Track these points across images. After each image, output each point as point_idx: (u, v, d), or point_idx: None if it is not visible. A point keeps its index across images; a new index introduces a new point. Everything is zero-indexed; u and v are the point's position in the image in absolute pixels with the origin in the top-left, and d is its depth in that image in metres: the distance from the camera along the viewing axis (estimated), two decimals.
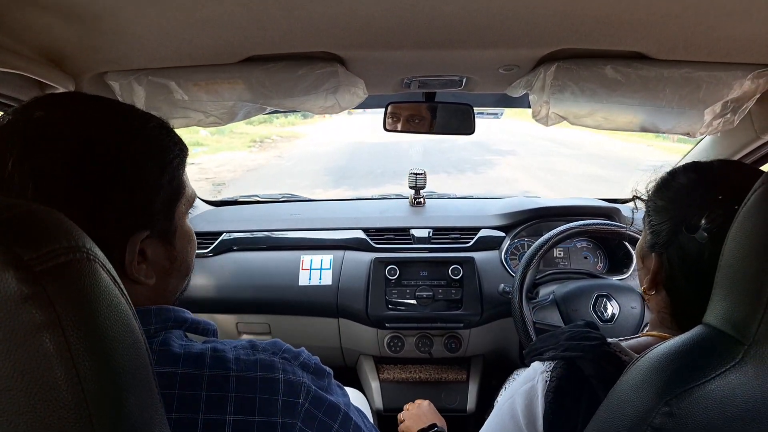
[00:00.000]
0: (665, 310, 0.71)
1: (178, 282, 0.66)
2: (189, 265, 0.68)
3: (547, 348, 0.71)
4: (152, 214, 0.57)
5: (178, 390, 0.53)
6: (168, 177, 0.59)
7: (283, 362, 0.60)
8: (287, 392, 0.57)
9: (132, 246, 0.55)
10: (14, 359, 0.31)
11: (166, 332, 0.58)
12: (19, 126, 0.52)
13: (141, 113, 0.60)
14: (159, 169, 0.58)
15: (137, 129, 0.58)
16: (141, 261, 0.57)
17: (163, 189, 0.58)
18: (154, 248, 0.59)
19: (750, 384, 0.45)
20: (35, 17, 0.74)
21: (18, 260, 0.31)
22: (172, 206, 0.61)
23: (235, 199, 2.13)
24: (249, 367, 0.57)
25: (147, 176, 0.56)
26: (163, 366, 0.54)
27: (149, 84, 1.00)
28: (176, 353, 0.55)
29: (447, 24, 0.82)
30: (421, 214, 1.84)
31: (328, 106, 1.07)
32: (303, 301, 1.60)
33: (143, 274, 0.57)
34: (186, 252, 0.65)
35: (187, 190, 0.64)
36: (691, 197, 0.66)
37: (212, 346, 0.57)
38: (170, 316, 0.60)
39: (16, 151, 0.50)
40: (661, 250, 0.68)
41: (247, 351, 0.59)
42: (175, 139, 0.62)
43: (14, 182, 0.49)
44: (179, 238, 0.63)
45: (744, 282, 0.46)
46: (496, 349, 1.65)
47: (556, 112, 1.06)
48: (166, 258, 0.61)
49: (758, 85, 0.98)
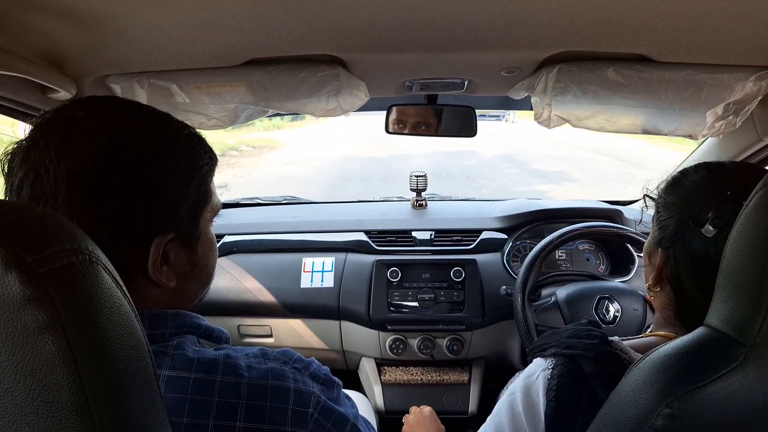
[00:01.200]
0: (669, 307, 0.71)
1: (197, 288, 0.67)
2: (210, 272, 0.69)
3: (550, 345, 0.71)
4: (178, 218, 0.58)
5: (190, 395, 0.54)
6: (196, 183, 0.60)
7: (293, 372, 0.60)
8: (297, 402, 0.58)
9: (156, 247, 0.56)
10: (17, 360, 0.31)
11: (181, 336, 0.59)
12: (58, 124, 0.54)
13: (176, 121, 0.62)
14: (187, 174, 0.59)
15: (169, 135, 0.59)
16: (163, 264, 0.58)
17: (190, 194, 0.60)
18: (177, 252, 0.60)
19: (751, 386, 0.45)
20: (37, 20, 0.74)
21: (21, 262, 0.31)
22: (198, 212, 0.62)
23: (236, 202, 2.13)
24: (261, 376, 0.57)
25: (175, 181, 0.58)
26: (177, 370, 0.55)
27: (151, 87, 1.00)
28: (190, 358, 0.56)
29: (449, 26, 0.82)
30: (423, 216, 1.84)
31: (329, 109, 1.07)
32: (305, 303, 1.60)
33: (164, 277, 0.58)
34: (207, 259, 0.66)
35: (214, 199, 0.65)
36: (701, 194, 0.66)
37: (225, 353, 0.58)
38: (186, 321, 0.61)
39: (54, 148, 0.51)
40: (668, 244, 0.69)
41: (258, 359, 0.59)
42: (206, 149, 0.64)
43: (49, 178, 0.51)
44: (202, 244, 0.64)
45: (745, 284, 0.46)
46: (498, 352, 1.64)
47: (558, 114, 1.06)
48: (188, 263, 0.62)
49: (760, 87, 0.98)
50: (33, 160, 0.52)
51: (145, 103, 0.99)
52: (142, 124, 0.58)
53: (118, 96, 0.61)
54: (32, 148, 0.52)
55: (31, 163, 0.52)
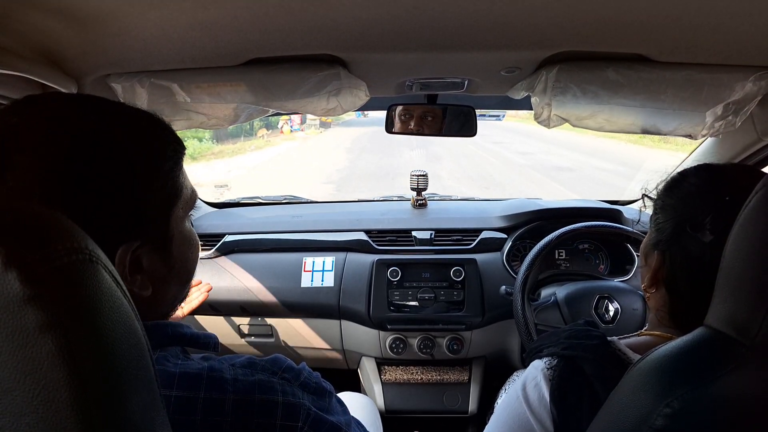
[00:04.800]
0: (664, 308, 0.71)
1: (177, 290, 0.62)
2: (189, 270, 0.64)
3: (548, 346, 0.72)
4: (143, 223, 0.53)
5: (171, 415, 0.50)
6: (160, 182, 0.55)
7: (282, 383, 0.58)
8: (286, 416, 0.56)
9: (121, 258, 0.51)
10: (16, 360, 0.31)
11: (162, 350, 0.56)
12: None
13: (132, 111, 0.56)
14: (149, 174, 0.53)
15: (126, 132, 0.53)
16: (135, 273, 0.53)
17: (155, 195, 0.54)
18: (150, 257, 0.54)
19: (751, 385, 0.45)
20: (38, 20, 0.74)
21: (21, 261, 0.31)
22: (167, 211, 0.56)
23: (237, 201, 2.13)
24: (247, 389, 0.55)
25: (135, 183, 0.52)
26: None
27: (151, 86, 1.00)
28: (171, 372, 0.53)
29: (449, 26, 0.82)
30: (423, 215, 1.85)
31: (330, 108, 1.07)
32: (305, 302, 1.60)
33: (137, 286, 0.53)
34: (185, 257, 0.61)
35: (185, 192, 0.59)
36: (700, 198, 0.66)
37: (209, 365, 0.55)
38: (167, 332, 0.57)
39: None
40: (664, 247, 0.68)
41: (245, 371, 0.57)
42: (168, 139, 0.57)
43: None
44: (178, 243, 0.59)
45: (745, 284, 0.46)
46: (498, 351, 1.65)
47: (558, 114, 1.06)
48: (164, 266, 0.57)
49: (760, 87, 0.98)
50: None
51: (146, 102, 1.00)
52: (92, 120, 0.51)
53: (108, 97, 0.54)
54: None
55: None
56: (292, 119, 20.03)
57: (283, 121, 19.92)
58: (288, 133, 19.94)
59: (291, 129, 20.36)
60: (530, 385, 0.71)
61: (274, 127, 20.30)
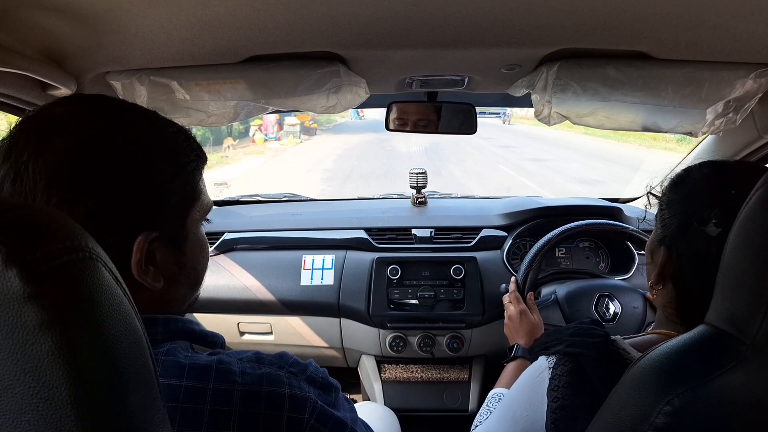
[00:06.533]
0: (671, 305, 0.71)
1: (186, 291, 0.65)
2: (199, 274, 0.67)
3: (553, 343, 0.72)
4: (162, 217, 0.57)
5: (181, 403, 0.53)
6: (181, 181, 0.59)
7: (289, 377, 0.58)
8: (292, 408, 0.56)
9: (139, 245, 0.54)
10: (16, 358, 0.31)
11: (172, 342, 0.57)
12: (39, 121, 0.53)
13: (162, 119, 0.61)
14: (171, 171, 0.58)
15: (153, 131, 0.58)
16: (148, 264, 0.56)
17: (176, 192, 0.58)
18: (163, 252, 0.58)
19: (752, 383, 0.45)
20: (37, 17, 0.74)
21: (21, 259, 0.31)
22: (185, 211, 0.60)
23: (236, 199, 2.13)
24: (255, 381, 0.56)
25: (159, 177, 0.56)
26: (168, 378, 0.54)
27: (151, 84, 1.00)
28: (182, 363, 0.55)
29: (449, 24, 0.82)
30: (423, 213, 1.84)
31: (330, 106, 1.07)
32: (305, 300, 1.60)
33: (150, 278, 0.56)
34: (197, 260, 0.65)
35: (203, 198, 0.64)
36: (705, 192, 0.67)
37: (218, 358, 0.57)
38: (178, 326, 0.60)
39: (33, 145, 0.51)
40: (670, 242, 0.69)
41: (253, 364, 0.58)
42: (193, 146, 0.62)
43: (28, 175, 0.50)
44: (190, 245, 0.62)
45: (745, 281, 0.46)
46: (498, 349, 1.64)
47: (559, 111, 1.06)
48: (175, 263, 0.60)
49: (760, 85, 0.98)
50: (14, 157, 0.51)
51: (146, 100, 1.00)
52: (125, 121, 0.57)
53: (108, 95, 0.59)
54: (14, 146, 0.51)
55: (12, 161, 0.51)
56: (266, 125, 17.02)
57: (255, 127, 16.76)
58: (261, 143, 16.53)
59: (265, 137, 16.95)
60: (535, 380, 0.71)
61: (246, 135, 17.02)
